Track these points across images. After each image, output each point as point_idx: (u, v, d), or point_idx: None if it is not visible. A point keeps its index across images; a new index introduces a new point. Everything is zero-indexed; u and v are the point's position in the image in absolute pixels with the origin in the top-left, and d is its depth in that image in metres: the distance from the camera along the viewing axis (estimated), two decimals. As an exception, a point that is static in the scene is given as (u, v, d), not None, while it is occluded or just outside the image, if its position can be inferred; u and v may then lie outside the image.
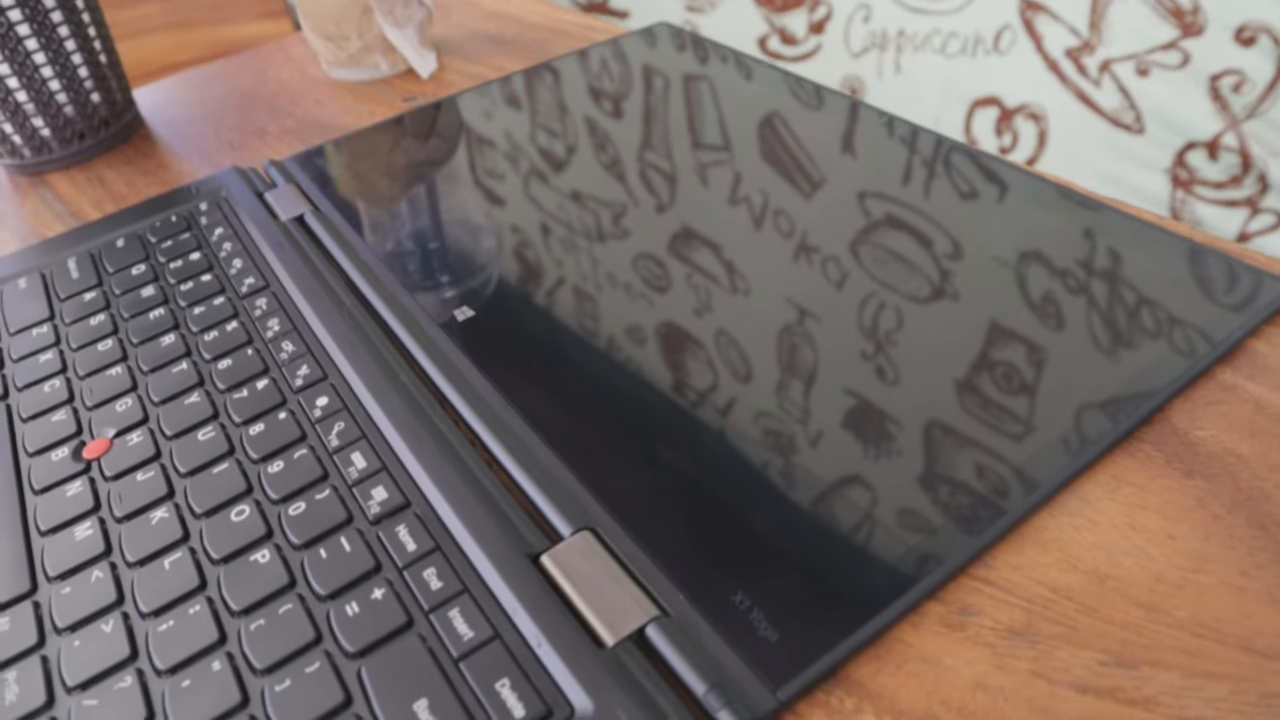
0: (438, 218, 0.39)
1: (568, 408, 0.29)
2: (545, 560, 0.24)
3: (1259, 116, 0.72)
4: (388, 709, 0.21)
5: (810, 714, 0.21)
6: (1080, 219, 0.33)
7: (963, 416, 0.26)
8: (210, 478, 0.28)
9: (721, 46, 0.48)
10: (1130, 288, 0.30)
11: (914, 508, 0.24)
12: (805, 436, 0.27)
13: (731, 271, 0.33)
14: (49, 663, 0.24)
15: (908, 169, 0.37)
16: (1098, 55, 0.81)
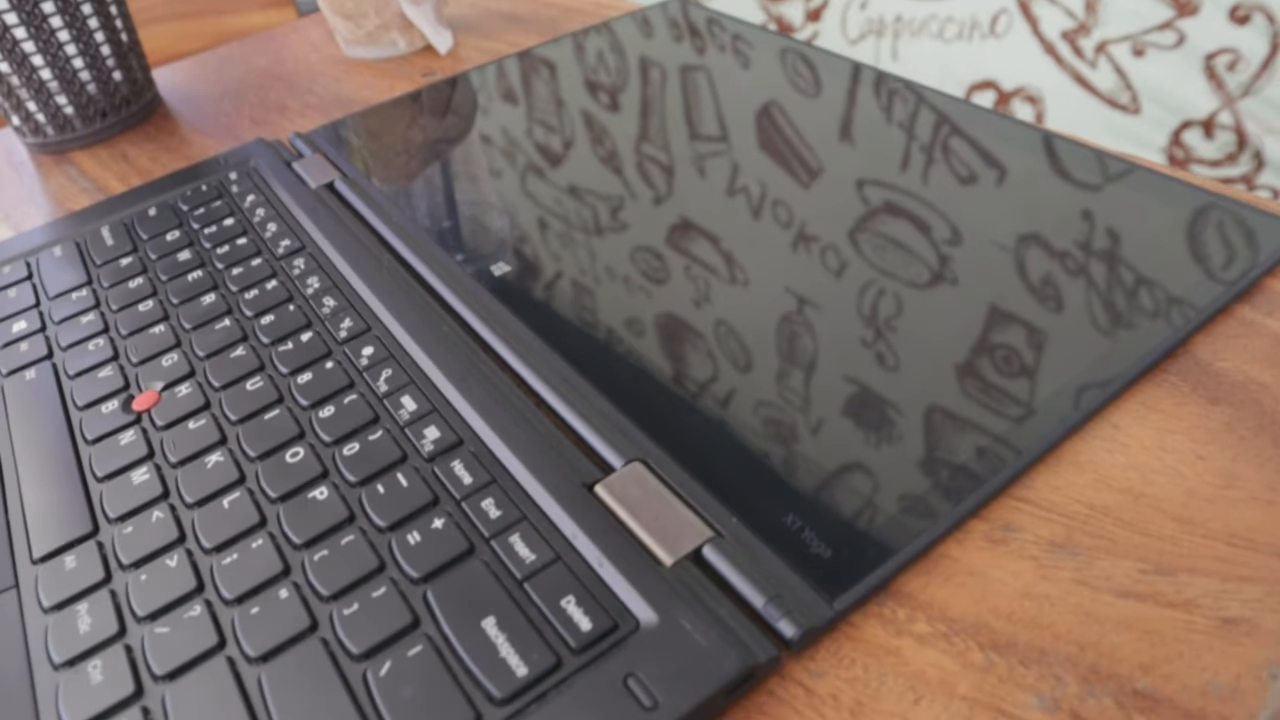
0: (467, 182, 0.40)
1: (607, 349, 0.29)
2: (599, 490, 0.25)
3: (1254, 94, 0.74)
4: (457, 627, 0.22)
5: (865, 624, 0.22)
6: (1097, 171, 0.34)
7: (998, 348, 0.27)
8: (262, 424, 0.28)
9: (735, 20, 0.49)
10: (1152, 232, 0.31)
11: (955, 433, 0.25)
12: (848, 363, 0.27)
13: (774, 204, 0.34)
14: (117, 596, 0.24)
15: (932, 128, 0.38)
16: (1094, 37, 0.83)
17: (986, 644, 0.21)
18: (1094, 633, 0.21)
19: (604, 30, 0.51)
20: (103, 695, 0.22)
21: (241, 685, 0.21)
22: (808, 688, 0.21)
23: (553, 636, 0.21)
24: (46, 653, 0.23)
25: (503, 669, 0.21)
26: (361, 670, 0.21)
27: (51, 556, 0.26)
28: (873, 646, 0.22)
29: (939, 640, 0.21)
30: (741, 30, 0.48)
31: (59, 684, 0.22)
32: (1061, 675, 0.20)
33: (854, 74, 0.42)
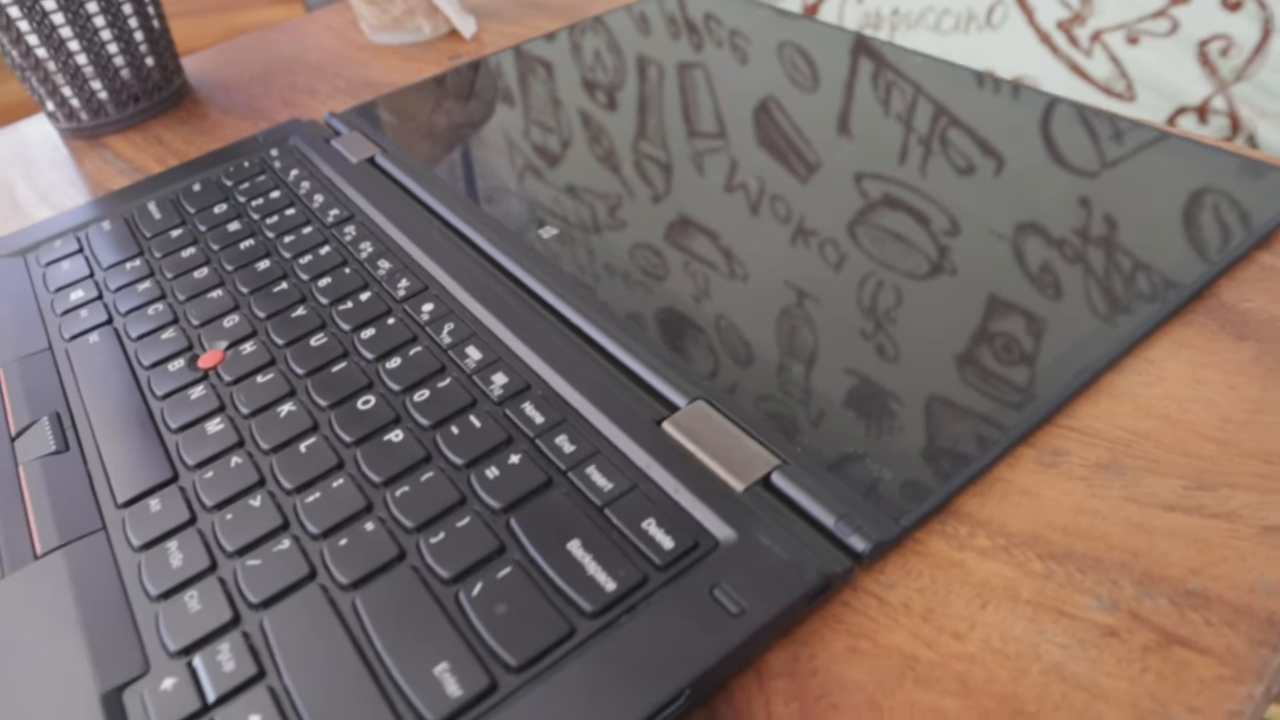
0: (508, 154, 0.41)
1: (659, 301, 0.31)
2: (666, 426, 0.26)
3: (1246, 79, 0.76)
4: (543, 550, 0.23)
5: (929, 541, 0.23)
6: (1111, 132, 0.36)
7: (1039, 292, 0.29)
8: (329, 376, 0.29)
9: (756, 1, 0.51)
10: (1177, 187, 0.32)
11: (1003, 366, 0.26)
12: (898, 302, 0.29)
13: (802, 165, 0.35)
14: (204, 535, 0.25)
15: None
16: (1089, 26, 0.85)
17: (1044, 555, 0.23)
18: (1144, 542, 0.22)
19: (632, 10, 0.52)
20: (202, 622, 0.23)
21: (338, 610, 0.22)
22: (880, 598, 0.22)
23: (637, 556, 0.22)
24: (142, 586, 0.24)
25: (591, 585, 0.22)
26: (453, 592, 0.22)
27: (135, 501, 0.26)
28: (938, 560, 0.23)
29: (999, 553, 0.23)
30: (765, 5, 0.49)
31: (158, 613, 0.23)
32: (1117, 580, 0.22)
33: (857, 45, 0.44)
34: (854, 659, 0.21)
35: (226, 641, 0.22)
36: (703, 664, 0.20)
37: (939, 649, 0.21)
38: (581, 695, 0.20)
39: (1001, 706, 0.20)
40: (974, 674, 0.20)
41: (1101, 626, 0.21)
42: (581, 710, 0.19)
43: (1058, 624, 0.21)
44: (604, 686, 0.20)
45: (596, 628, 0.21)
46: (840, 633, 0.22)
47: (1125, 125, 0.36)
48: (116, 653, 0.23)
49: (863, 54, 0.43)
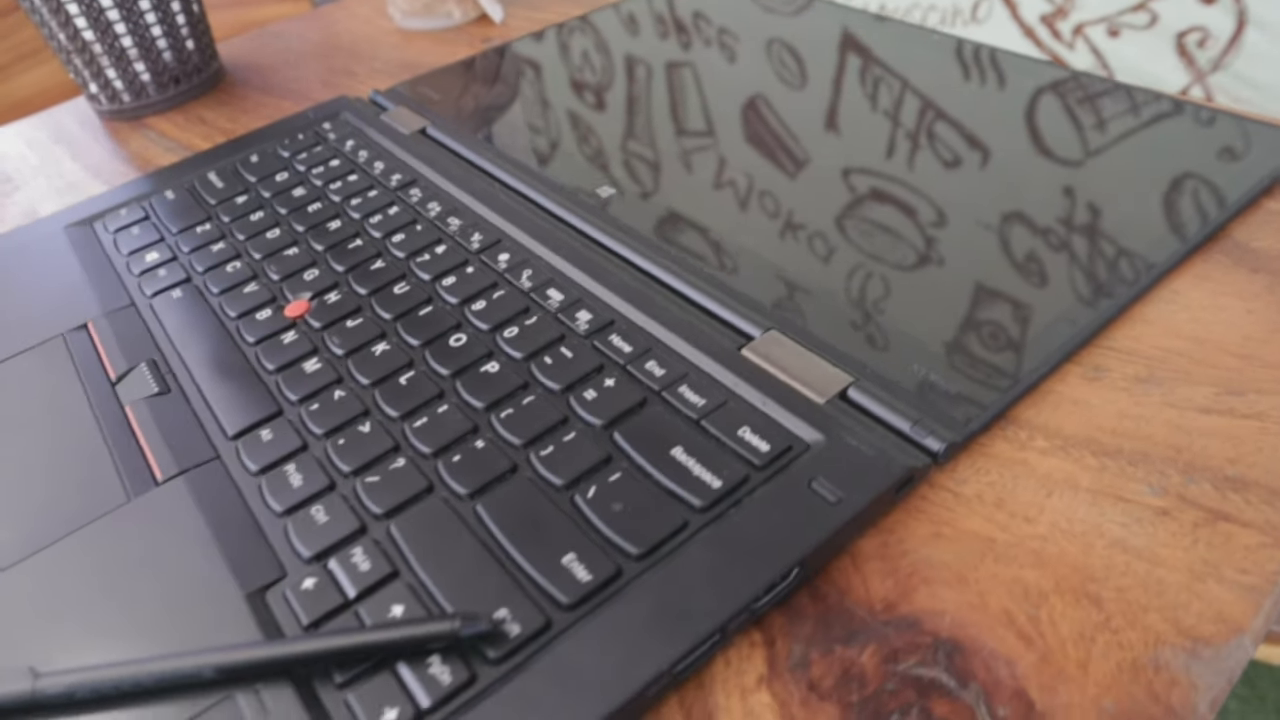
0: (559, 123, 0.43)
1: (722, 245, 0.33)
2: (746, 352, 0.28)
3: (1223, 69, 0.80)
4: (649, 457, 0.25)
5: (992, 444, 0.26)
6: (1129, 105, 0.39)
7: (1080, 236, 0.31)
8: (417, 319, 0.31)
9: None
10: (1189, 146, 0.35)
11: (1049, 295, 0.29)
12: (957, 230, 0.31)
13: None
14: (319, 459, 0.27)
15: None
16: (1071, 19, 0.89)
17: (1097, 452, 0.25)
18: (1184, 439, 0.25)
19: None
20: (332, 531, 0.24)
21: (461, 517, 0.24)
22: (954, 492, 0.25)
23: (736, 458, 0.24)
24: (265, 504, 0.26)
25: (699, 484, 0.24)
26: (568, 496, 0.24)
27: (245, 433, 0.28)
28: (1003, 459, 0.25)
29: (1057, 452, 0.25)
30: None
31: (286, 526, 0.25)
32: (1164, 470, 0.24)
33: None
34: (937, 542, 0.23)
35: (358, 546, 0.24)
36: (809, 544, 0.22)
37: (1013, 531, 0.23)
38: (700, 576, 0.22)
39: (1074, 574, 0.22)
40: (1047, 550, 0.23)
41: (1154, 508, 0.23)
42: (701, 589, 0.22)
43: (1115, 507, 0.24)
44: (721, 567, 0.22)
45: (706, 520, 0.23)
46: (923, 521, 0.24)
47: (1144, 96, 0.39)
48: (251, 561, 0.24)
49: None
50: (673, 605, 0.21)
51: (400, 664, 0.21)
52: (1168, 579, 0.22)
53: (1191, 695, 0.20)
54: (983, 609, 0.22)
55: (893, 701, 0.20)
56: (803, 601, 0.23)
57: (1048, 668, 0.21)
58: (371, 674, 0.21)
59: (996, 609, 0.22)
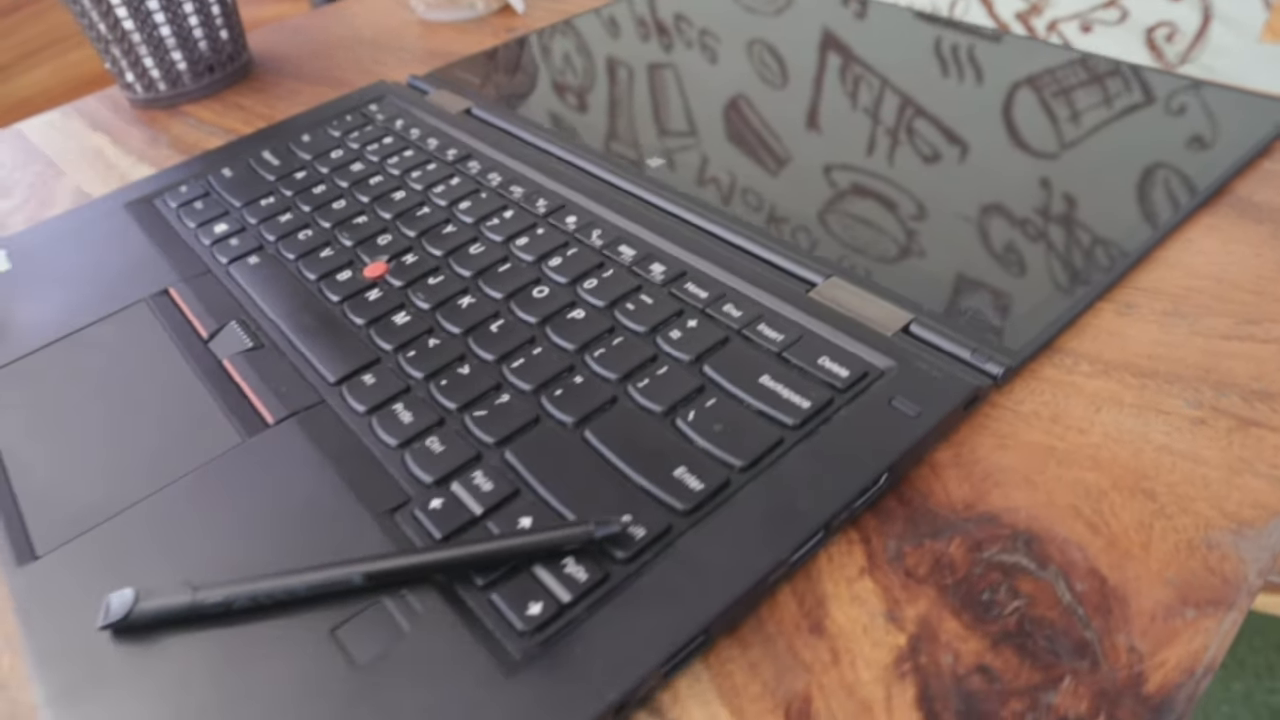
0: (593, 103, 0.45)
1: (771, 206, 0.35)
2: (812, 295, 0.30)
3: (1190, 62, 0.85)
4: (739, 384, 0.27)
5: (1042, 370, 0.28)
6: (1139, 81, 0.42)
7: (1107, 196, 0.34)
8: (497, 274, 0.33)
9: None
10: (1193, 115, 0.39)
11: (1082, 241, 0.32)
12: (997, 184, 0.34)
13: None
14: (424, 398, 0.28)
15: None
16: (1045, 16, 0.93)
17: (1136, 374, 0.28)
18: (1212, 362, 0.28)
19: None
20: (449, 459, 0.26)
21: (571, 442, 0.26)
22: (1013, 410, 0.27)
23: (819, 383, 0.27)
24: (378, 439, 0.27)
25: (789, 405, 0.26)
26: (670, 420, 0.26)
27: (347, 379, 0.30)
28: (1052, 382, 0.28)
29: (1100, 375, 0.28)
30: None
31: (404, 456, 0.27)
32: (1197, 387, 0.27)
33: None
34: (1004, 452, 0.26)
35: (478, 470, 0.26)
36: (895, 452, 0.24)
37: (1069, 441, 0.26)
38: (802, 482, 0.24)
39: (1128, 474, 0.25)
40: (1102, 454, 0.26)
41: (1192, 418, 0.26)
42: (804, 493, 0.24)
43: (1158, 419, 0.26)
44: (819, 475, 0.24)
45: (800, 436, 0.25)
46: (988, 434, 0.27)
47: (1150, 74, 0.42)
48: (374, 488, 0.26)
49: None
50: (780, 507, 0.24)
51: (536, 567, 0.23)
52: (1210, 475, 0.25)
53: (1241, 567, 0.23)
54: (1051, 505, 0.25)
55: (982, 583, 0.23)
56: (891, 505, 0.25)
57: (1114, 550, 0.23)
58: (510, 577, 0.23)
59: (1063, 504, 0.24)
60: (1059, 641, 0.22)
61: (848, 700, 0.21)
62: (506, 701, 0.20)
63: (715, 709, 0.21)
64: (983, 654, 0.22)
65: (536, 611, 0.22)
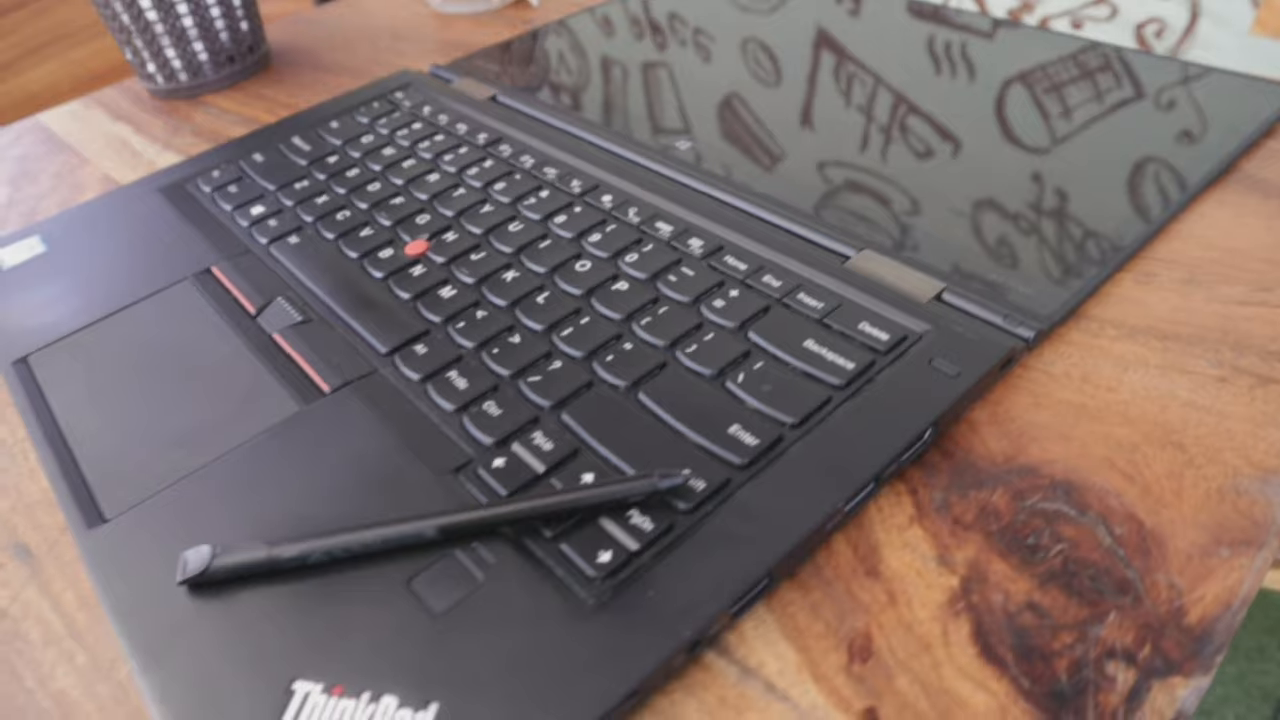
0: (615, 90, 0.46)
1: (800, 185, 0.36)
2: (848, 266, 0.31)
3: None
4: (783, 348, 0.28)
5: (1069, 334, 0.30)
6: (1144, 64, 0.44)
7: (1127, 171, 0.36)
8: (539, 250, 0.34)
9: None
10: (1203, 97, 0.40)
11: (1103, 215, 0.33)
12: (1022, 169, 0.35)
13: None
14: (476, 367, 0.29)
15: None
16: (1037, 13, 0.96)
17: (1159, 337, 0.29)
18: (1230, 325, 0.29)
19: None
20: (508, 421, 0.27)
21: (625, 404, 0.27)
22: (1045, 371, 0.28)
23: (861, 346, 0.28)
24: (434, 405, 0.28)
25: (834, 366, 0.27)
26: (720, 383, 0.27)
27: (400, 349, 0.31)
28: (1080, 346, 0.29)
29: (1124, 339, 0.29)
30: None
31: (463, 420, 0.27)
32: (1217, 349, 0.29)
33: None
34: (1038, 410, 0.27)
35: (537, 431, 0.27)
36: (939, 408, 0.26)
37: (1100, 399, 0.27)
38: (851, 437, 0.25)
39: (1157, 429, 0.26)
40: (1131, 411, 0.27)
41: (1214, 377, 0.28)
42: (854, 447, 0.25)
43: (1182, 378, 0.28)
44: (867, 430, 0.25)
45: (846, 395, 0.26)
46: (1022, 393, 0.28)
47: (1156, 60, 0.44)
48: (435, 449, 0.27)
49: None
50: (832, 461, 0.25)
51: (602, 519, 0.24)
52: (1235, 428, 0.26)
53: (1269, 510, 0.24)
54: (1086, 457, 0.26)
55: (1026, 528, 0.24)
56: (935, 459, 0.26)
57: (1149, 497, 0.25)
58: (577, 528, 0.24)
59: (1098, 457, 0.26)
60: (1102, 580, 0.23)
61: (906, 637, 0.22)
62: (586, 640, 0.21)
63: (781, 648, 0.22)
64: (1031, 593, 0.23)
65: (606, 559, 0.23)
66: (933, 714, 0.21)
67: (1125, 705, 0.20)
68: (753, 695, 0.21)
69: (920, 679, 0.21)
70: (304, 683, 0.22)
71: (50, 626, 0.26)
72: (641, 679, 0.21)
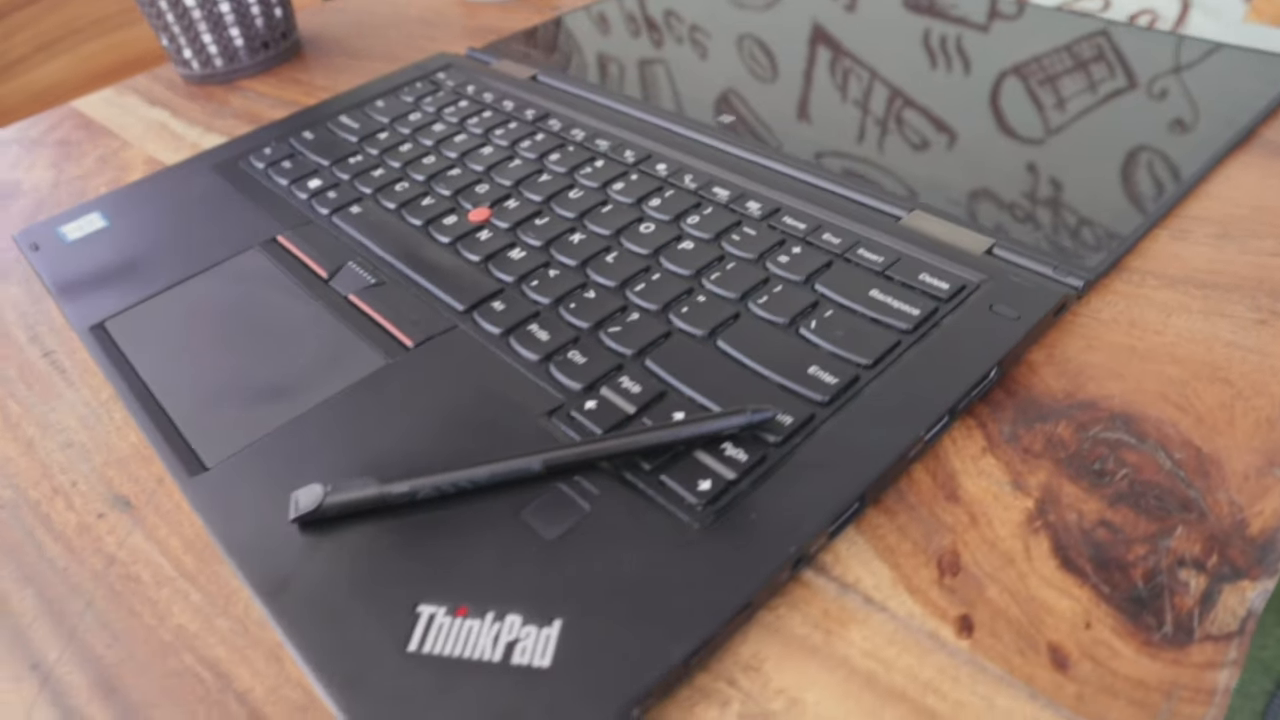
0: (656, 66, 0.47)
1: (845, 153, 0.38)
2: (900, 225, 0.33)
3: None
4: (851, 298, 0.30)
5: (1113, 284, 0.31)
6: (1174, 43, 0.46)
7: (1154, 131, 0.38)
8: (601, 214, 0.35)
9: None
10: (1222, 71, 0.42)
11: (1140, 179, 0.35)
12: (1068, 129, 0.37)
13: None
14: (554, 321, 0.31)
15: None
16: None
17: (1199, 286, 0.31)
18: (1264, 274, 0.31)
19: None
20: (593, 368, 0.28)
21: (705, 351, 0.28)
22: (1093, 318, 0.30)
23: (924, 295, 0.29)
24: (518, 356, 0.29)
25: (900, 313, 0.29)
26: (794, 330, 0.29)
27: (476, 306, 0.32)
28: (1124, 295, 0.31)
29: (1166, 288, 0.31)
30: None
31: (549, 368, 0.29)
32: (1254, 295, 0.30)
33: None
34: (1092, 352, 0.29)
35: (624, 376, 0.28)
36: (1004, 347, 0.27)
37: (1148, 341, 0.29)
38: (924, 376, 0.27)
39: (1204, 366, 0.28)
40: (1178, 351, 0.29)
41: (1254, 320, 0.30)
42: (928, 384, 0.26)
43: (1223, 321, 0.30)
44: (937, 368, 0.27)
45: (915, 339, 0.28)
46: (1076, 337, 0.30)
47: (1174, 39, 0.46)
48: (527, 394, 0.28)
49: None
50: (907, 397, 0.26)
51: (698, 452, 0.25)
52: (1278, 365, 0.28)
53: (1315, 435, 0.26)
54: (1141, 392, 0.27)
55: (1091, 455, 0.26)
56: (999, 397, 0.28)
57: (1203, 426, 0.26)
58: (675, 461, 0.25)
59: (1152, 392, 0.27)
60: (1167, 499, 0.24)
61: (991, 553, 0.24)
62: (696, 559, 0.22)
63: (874, 565, 0.24)
64: (1103, 512, 0.24)
65: (707, 487, 0.24)
66: (1024, 619, 0.22)
67: (1199, 606, 0.22)
68: (853, 607, 0.23)
69: (1008, 589, 0.23)
70: (427, 605, 0.23)
71: (160, 569, 0.26)
72: (753, 592, 0.22)
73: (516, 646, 0.21)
